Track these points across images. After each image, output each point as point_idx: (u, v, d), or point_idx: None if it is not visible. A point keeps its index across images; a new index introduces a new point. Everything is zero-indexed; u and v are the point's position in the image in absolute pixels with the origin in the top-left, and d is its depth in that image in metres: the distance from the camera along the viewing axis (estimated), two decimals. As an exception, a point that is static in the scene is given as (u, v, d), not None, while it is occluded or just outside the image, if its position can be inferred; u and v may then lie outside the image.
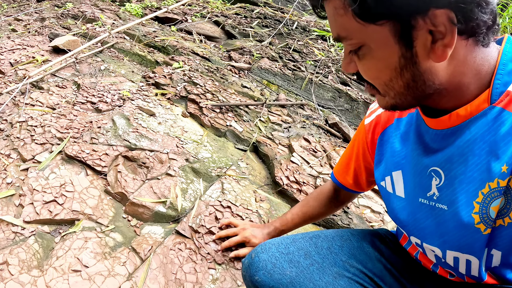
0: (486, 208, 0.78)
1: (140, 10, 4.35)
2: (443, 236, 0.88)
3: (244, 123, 2.65)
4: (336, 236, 1.21)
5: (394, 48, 0.71)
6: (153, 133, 2.20)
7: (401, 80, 0.74)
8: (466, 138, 0.79)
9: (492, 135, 0.76)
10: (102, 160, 1.91)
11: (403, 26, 0.68)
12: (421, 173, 0.91)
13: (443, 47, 0.68)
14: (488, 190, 0.77)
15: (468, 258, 0.87)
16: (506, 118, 0.74)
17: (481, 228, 0.80)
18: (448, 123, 0.82)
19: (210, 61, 3.48)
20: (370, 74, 0.78)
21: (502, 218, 0.79)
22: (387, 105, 0.82)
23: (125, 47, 3.40)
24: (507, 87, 0.74)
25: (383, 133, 1.07)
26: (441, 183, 0.86)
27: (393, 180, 1.01)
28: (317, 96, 3.51)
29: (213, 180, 2.02)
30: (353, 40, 0.74)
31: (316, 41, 4.41)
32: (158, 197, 1.78)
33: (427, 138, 0.89)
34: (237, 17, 4.57)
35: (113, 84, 2.74)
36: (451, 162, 0.83)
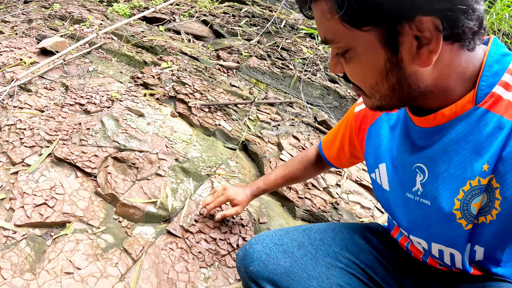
0: (467, 205, 0.80)
1: (128, 10, 4.35)
2: (429, 229, 0.91)
3: (233, 122, 2.67)
4: (328, 228, 1.24)
5: (380, 52, 0.72)
6: (142, 133, 2.20)
7: (386, 83, 0.75)
8: (450, 137, 0.81)
9: (475, 135, 0.77)
10: (91, 161, 1.91)
11: (389, 32, 0.69)
12: (407, 169, 0.93)
13: (429, 52, 0.69)
14: (469, 188, 0.79)
15: (452, 252, 0.90)
16: (489, 119, 0.75)
17: (463, 224, 0.82)
18: (433, 122, 0.83)
19: (198, 61, 3.49)
20: (356, 76, 0.79)
21: (485, 216, 0.81)
22: (372, 106, 0.83)
23: (113, 48, 3.39)
24: (492, 89, 0.75)
25: (372, 125, 1.09)
26: (424, 179, 0.88)
27: (380, 172, 1.04)
28: (305, 94, 3.53)
29: (203, 180, 2.03)
30: (339, 44, 0.75)
31: (304, 39, 4.43)
32: (148, 197, 1.79)
33: (414, 135, 0.91)
34: (225, 16, 4.58)
35: (102, 85, 2.74)
36: (435, 160, 0.85)
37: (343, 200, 2.21)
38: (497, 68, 0.76)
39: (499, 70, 0.76)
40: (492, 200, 0.78)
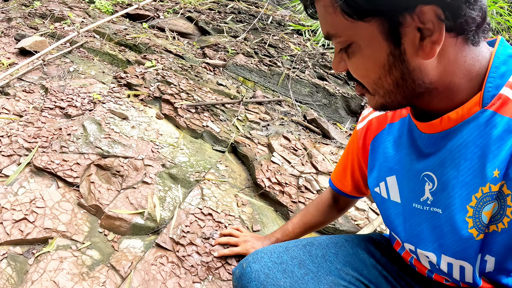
0: (479, 213, 0.77)
1: (111, 7, 4.21)
2: (438, 240, 0.87)
3: (221, 122, 2.58)
4: (331, 243, 1.18)
5: (382, 45, 0.70)
6: (127, 138, 2.10)
7: (389, 78, 0.73)
8: (458, 142, 0.78)
9: (484, 139, 0.74)
10: (73, 170, 1.81)
11: (391, 23, 0.67)
12: (414, 178, 0.90)
13: (431, 44, 0.67)
14: (481, 195, 0.76)
15: (462, 264, 0.85)
16: (498, 122, 0.72)
17: (474, 234, 0.79)
18: (440, 127, 0.80)
19: (183, 59, 3.39)
20: (359, 72, 0.77)
21: (496, 224, 0.77)
22: (377, 105, 0.81)
23: (95, 47, 3.27)
24: (499, 90, 0.72)
25: (375, 138, 1.05)
26: (434, 188, 0.85)
27: (387, 185, 1.00)
28: (294, 91, 3.46)
29: (192, 186, 1.94)
30: (342, 38, 0.74)
31: (292, 36, 4.35)
32: (135, 208, 1.69)
33: (420, 143, 0.88)
34: (210, 12, 4.47)
35: (83, 87, 2.62)
36: (444, 167, 0.82)
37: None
38: (504, 69, 0.73)
39: (506, 71, 0.73)
40: (504, 207, 0.75)
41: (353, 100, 3.65)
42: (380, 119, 1.05)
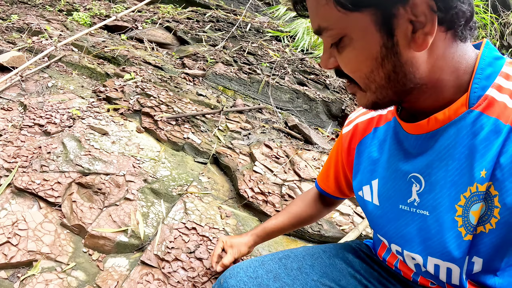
0: (467, 212, 0.78)
1: (89, 19, 4.18)
2: (425, 242, 0.87)
3: (202, 134, 2.59)
4: (307, 255, 1.18)
5: (375, 37, 0.71)
6: (107, 154, 2.10)
7: (382, 71, 0.73)
8: (446, 143, 0.80)
9: (471, 139, 0.76)
10: (54, 190, 1.80)
11: (384, 15, 0.68)
12: (401, 180, 0.90)
13: (424, 35, 0.69)
14: (469, 194, 0.77)
15: (449, 266, 0.86)
16: (484, 122, 0.74)
17: (462, 233, 0.79)
18: (427, 128, 0.81)
19: (163, 70, 3.38)
20: (351, 66, 0.77)
21: (483, 225, 0.78)
22: (368, 102, 0.81)
23: (74, 60, 3.25)
24: (485, 91, 0.74)
25: (360, 142, 1.06)
26: (421, 189, 0.86)
27: (372, 188, 1.01)
28: (274, 98, 3.48)
29: (174, 200, 1.95)
30: (333, 31, 0.73)
31: (271, 42, 4.38)
32: (118, 225, 1.69)
33: (406, 144, 0.89)
34: (189, 21, 4.47)
35: (62, 102, 2.60)
36: (431, 167, 0.83)
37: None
38: (489, 71, 0.75)
39: (492, 73, 0.75)
40: (491, 208, 0.76)
41: (333, 104, 3.69)
42: (366, 124, 1.06)
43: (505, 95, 0.73)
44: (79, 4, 4.57)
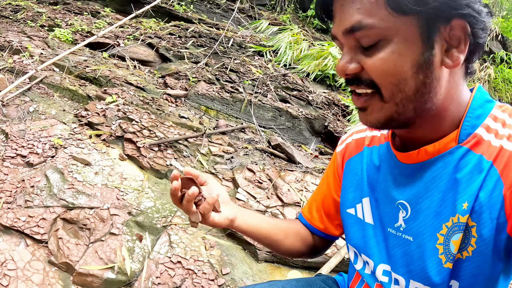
0: (448, 241, 0.81)
1: (70, 35, 4.16)
2: (408, 266, 0.90)
3: (185, 159, 2.61)
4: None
5: (417, 44, 0.72)
6: (91, 186, 2.11)
7: (413, 81, 0.74)
8: (433, 174, 0.83)
9: (456, 173, 0.80)
10: (40, 226, 1.81)
11: (430, 26, 0.71)
12: (390, 205, 0.93)
13: (458, 53, 0.73)
14: (451, 224, 0.80)
15: None
16: (470, 158, 0.78)
17: (442, 260, 0.83)
18: (416, 158, 0.85)
19: (145, 91, 3.39)
20: (385, 70, 0.75)
21: (461, 252, 0.82)
22: (382, 116, 0.80)
23: (55, 82, 3.24)
24: (475, 130, 0.79)
25: (352, 158, 1.08)
26: (407, 216, 0.89)
27: (363, 206, 1.03)
28: (257, 117, 3.51)
29: (159, 232, 1.97)
30: (375, 30, 0.72)
31: (253, 58, 4.41)
32: (105, 262, 1.71)
33: (396, 171, 0.92)
34: (171, 37, 4.48)
35: (43, 130, 2.60)
36: (418, 197, 0.86)
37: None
38: (480, 111, 0.80)
39: (482, 114, 0.80)
40: (469, 237, 0.79)
41: (316, 121, 3.74)
42: (358, 142, 1.08)
43: (491, 134, 0.78)
44: (60, 20, 4.54)
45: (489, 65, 6.47)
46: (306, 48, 4.74)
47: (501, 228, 0.75)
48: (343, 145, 1.13)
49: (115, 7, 5.46)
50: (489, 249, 0.78)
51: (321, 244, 1.26)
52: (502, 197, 0.74)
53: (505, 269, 0.83)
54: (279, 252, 1.24)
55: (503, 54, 6.99)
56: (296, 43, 4.80)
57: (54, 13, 4.77)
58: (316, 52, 4.61)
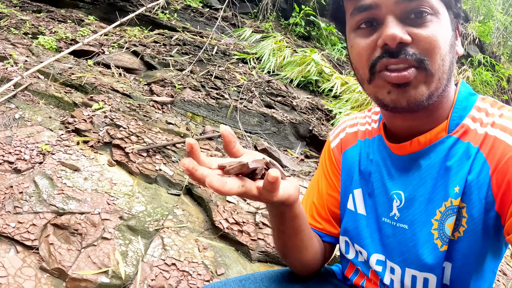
0: (443, 225, 0.85)
1: (54, 43, 4.13)
2: (403, 254, 0.93)
3: (173, 164, 2.61)
4: (265, 277, 1.19)
5: (450, 28, 0.83)
6: (80, 192, 2.10)
7: (450, 56, 0.82)
8: (426, 163, 0.88)
9: (447, 161, 0.86)
10: (30, 232, 1.79)
11: (453, 20, 0.85)
12: (384, 195, 0.97)
13: (460, 43, 0.89)
14: (444, 209, 0.85)
15: (426, 276, 0.91)
16: (459, 146, 0.85)
17: (438, 245, 0.86)
18: (409, 149, 0.90)
19: (131, 98, 3.39)
20: (437, 41, 0.79)
21: (453, 234, 0.86)
22: (427, 91, 0.80)
23: (40, 89, 3.21)
24: (462, 120, 0.87)
25: (347, 150, 1.10)
26: (401, 205, 0.93)
27: (354, 197, 1.05)
28: (243, 122, 3.54)
29: (152, 236, 1.97)
30: (430, 3, 0.79)
31: (237, 65, 4.45)
32: (98, 266, 1.70)
33: (390, 163, 0.96)
34: (155, 45, 4.48)
35: (30, 136, 2.58)
36: (411, 186, 0.91)
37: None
38: (465, 103, 0.88)
39: (467, 105, 0.88)
40: (460, 218, 0.84)
41: (301, 126, 3.79)
42: (351, 135, 1.10)
43: (477, 123, 0.85)
44: (44, 27, 4.51)
45: (467, 68, 6.64)
46: (289, 55, 4.80)
47: (489, 207, 0.80)
48: (337, 140, 1.14)
49: (99, 15, 5.45)
50: (479, 228, 0.82)
51: (330, 250, 1.19)
52: (489, 178, 0.80)
53: (495, 248, 0.88)
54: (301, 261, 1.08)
55: (481, 57, 7.19)
56: (279, 50, 4.86)
57: (37, 20, 4.73)
58: (299, 59, 4.68)
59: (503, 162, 0.78)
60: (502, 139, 0.80)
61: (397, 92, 0.81)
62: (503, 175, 0.78)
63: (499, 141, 0.80)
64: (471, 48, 7.57)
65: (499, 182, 0.79)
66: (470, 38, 7.54)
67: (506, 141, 0.79)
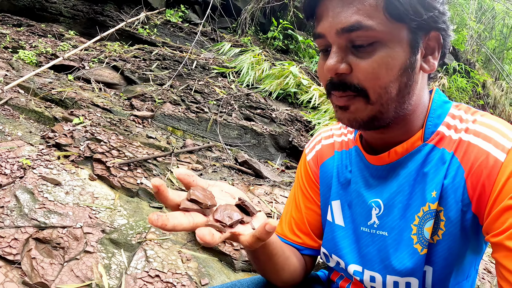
0: (422, 229, 0.87)
1: (35, 57, 4.13)
2: (383, 262, 0.94)
3: (154, 178, 2.64)
4: (252, 283, 1.20)
5: (405, 50, 0.79)
6: (62, 206, 2.11)
7: (397, 83, 0.81)
8: (404, 172, 0.90)
9: (424, 167, 0.88)
10: (12, 247, 1.80)
11: (417, 34, 0.80)
12: (362, 204, 0.98)
13: (433, 59, 0.85)
14: (422, 213, 0.87)
15: (408, 281, 0.92)
16: (435, 153, 0.87)
17: (418, 249, 0.88)
18: (387, 159, 0.92)
19: (111, 112, 3.41)
20: (376, 73, 0.79)
21: (432, 237, 0.88)
22: (366, 115, 0.84)
23: (20, 103, 3.21)
24: (437, 128, 0.88)
25: (324, 163, 1.11)
26: (380, 212, 0.94)
27: (332, 209, 1.06)
28: (223, 136, 3.59)
29: (134, 249, 1.99)
30: (372, 32, 0.77)
31: (217, 79, 4.51)
32: (81, 280, 1.71)
33: (368, 173, 0.97)
34: (135, 60, 4.52)
35: (11, 151, 2.58)
36: (390, 193, 0.92)
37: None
38: (440, 111, 0.90)
39: (442, 113, 0.90)
40: (438, 222, 0.87)
41: (281, 137, 3.85)
42: (328, 147, 1.11)
43: (451, 130, 0.87)
44: (24, 41, 4.50)
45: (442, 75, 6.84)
46: (268, 68, 4.88)
47: (466, 208, 0.83)
48: (313, 152, 1.15)
49: (79, 30, 5.46)
50: (457, 230, 0.85)
51: (311, 262, 1.19)
52: (464, 181, 0.82)
53: (475, 247, 0.90)
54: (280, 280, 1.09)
55: (455, 64, 7.41)
56: (257, 63, 4.94)
57: (18, 34, 4.73)
58: (278, 72, 4.76)
59: (476, 165, 0.81)
60: (475, 144, 0.82)
61: (340, 112, 0.87)
62: (477, 177, 0.80)
63: (473, 146, 0.82)
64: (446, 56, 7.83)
65: (474, 184, 0.81)
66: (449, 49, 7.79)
67: (479, 145, 0.82)
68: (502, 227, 0.75)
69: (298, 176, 1.19)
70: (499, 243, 0.75)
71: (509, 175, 0.76)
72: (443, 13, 0.82)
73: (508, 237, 0.74)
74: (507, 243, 0.74)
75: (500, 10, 9.63)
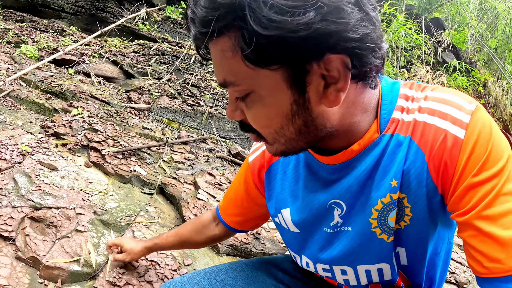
0: (385, 221, 0.85)
1: (36, 52, 4.26)
2: (351, 255, 0.93)
3: (148, 166, 2.76)
4: (230, 268, 1.27)
5: (286, 94, 0.69)
6: (57, 188, 2.23)
7: (292, 127, 0.74)
8: (362, 168, 0.85)
9: (383, 159, 0.83)
10: (8, 224, 1.92)
11: (296, 71, 0.67)
12: (321, 207, 0.94)
13: (336, 92, 0.69)
14: (382, 206, 0.84)
15: (379, 267, 0.94)
16: (391, 141, 0.82)
17: (384, 238, 0.87)
18: (343, 158, 0.86)
19: (109, 105, 3.54)
20: (260, 122, 0.76)
21: (398, 223, 0.86)
22: (276, 152, 0.82)
23: (21, 95, 3.35)
24: (391, 115, 0.82)
25: (269, 168, 1.07)
26: (343, 212, 0.91)
27: (284, 217, 1.04)
28: (218, 128, 3.70)
29: (123, 230, 2.11)
30: (240, 86, 0.71)
31: (213, 74, 4.62)
32: (71, 256, 1.84)
33: (322, 174, 0.92)
34: (135, 55, 4.64)
35: (11, 138, 2.71)
36: (351, 191, 0.88)
37: (264, 228, 2.37)
38: (391, 96, 0.83)
39: (393, 97, 0.83)
40: (403, 209, 0.84)
41: (273, 132, 3.95)
42: None
43: (404, 113, 0.81)
44: (27, 36, 4.64)
45: (442, 73, 6.90)
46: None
47: (432, 193, 0.80)
48: (257, 154, 1.12)
49: (81, 25, 5.60)
50: (425, 214, 0.83)
51: (229, 234, 1.42)
52: (426, 164, 0.78)
53: (445, 221, 0.89)
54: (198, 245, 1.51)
55: (456, 63, 7.47)
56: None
57: (20, 30, 4.87)
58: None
59: (436, 146, 0.76)
60: (431, 123, 0.77)
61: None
62: (439, 159, 0.77)
63: (429, 126, 0.77)
64: (446, 54, 7.87)
65: (437, 166, 0.77)
66: (444, 45, 7.84)
67: (436, 124, 0.77)
68: (467, 206, 0.74)
69: (240, 179, 1.20)
70: (466, 222, 0.74)
71: (471, 152, 0.73)
72: (345, 30, 0.63)
73: (474, 216, 0.73)
74: (474, 222, 0.73)
75: (502, 9, 9.67)
